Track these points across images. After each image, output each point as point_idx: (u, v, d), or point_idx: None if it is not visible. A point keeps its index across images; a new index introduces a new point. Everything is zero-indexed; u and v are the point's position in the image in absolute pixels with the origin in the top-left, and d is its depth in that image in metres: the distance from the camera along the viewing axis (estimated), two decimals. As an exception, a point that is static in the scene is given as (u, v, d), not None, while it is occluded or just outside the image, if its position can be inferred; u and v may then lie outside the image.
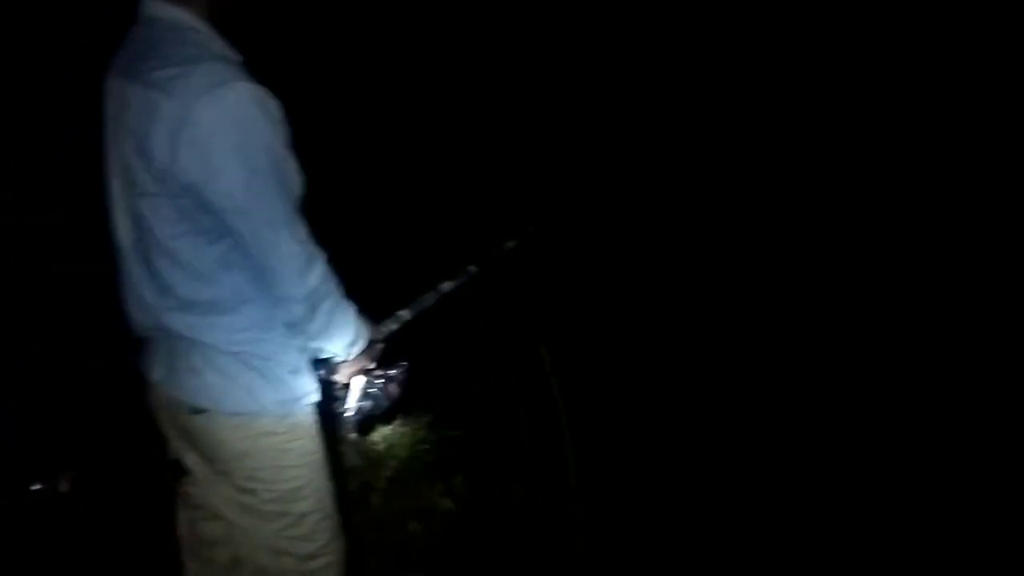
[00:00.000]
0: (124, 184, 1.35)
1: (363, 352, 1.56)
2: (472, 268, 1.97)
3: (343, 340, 1.47)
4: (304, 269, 1.32)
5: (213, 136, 1.19)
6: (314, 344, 1.45)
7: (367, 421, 1.71)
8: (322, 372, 1.54)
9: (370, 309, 1.62)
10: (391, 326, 1.77)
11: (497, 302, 2.60)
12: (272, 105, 1.24)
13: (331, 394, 1.59)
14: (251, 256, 1.29)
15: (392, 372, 1.66)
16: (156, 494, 1.65)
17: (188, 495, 1.59)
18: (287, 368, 1.43)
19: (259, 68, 1.29)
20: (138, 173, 1.28)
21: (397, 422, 2.77)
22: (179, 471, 1.53)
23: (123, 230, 1.39)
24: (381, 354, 1.68)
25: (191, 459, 1.51)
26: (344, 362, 1.55)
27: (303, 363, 1.47)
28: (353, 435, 1.70)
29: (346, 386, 1.61)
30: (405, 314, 1.81)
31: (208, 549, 1.60)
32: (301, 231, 1.32)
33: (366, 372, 1.63)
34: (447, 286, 1.93)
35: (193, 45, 1.25)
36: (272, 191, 1.25)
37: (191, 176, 1.22)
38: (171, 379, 1.42)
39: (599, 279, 3.38)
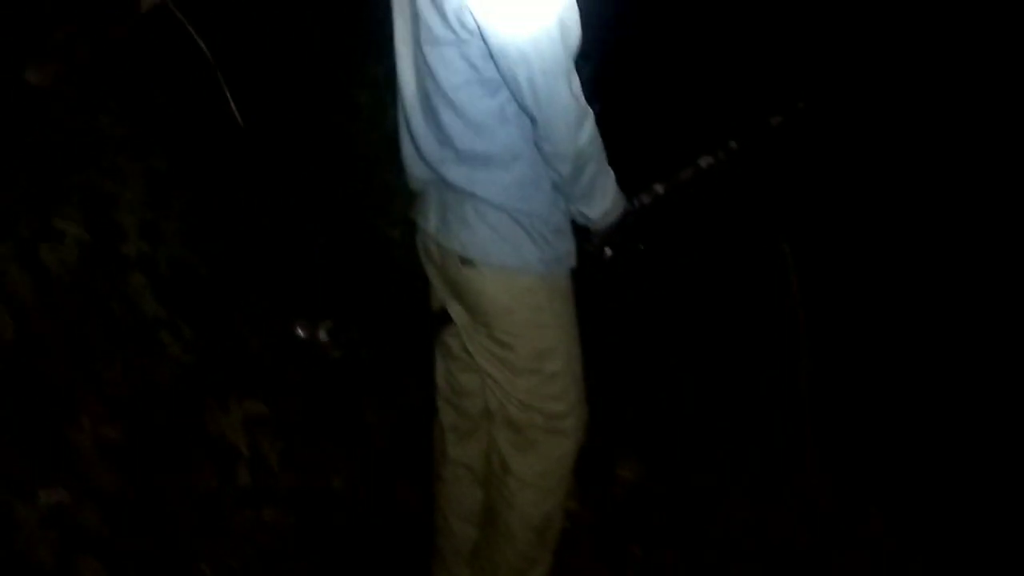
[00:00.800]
0: (413, 35, 1.37)
1: (616, 221, 1.53)
2: (733, 143, 1.81)
3: (601, 206, 1.46)
4: (576, 124, 1.32)
5: None
6: (574, 207, 1.46)
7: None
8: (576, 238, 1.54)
9: (625, 176, 1.57)
10: (644, 199, 1.69)
11: (748, 185, 2.38)
12: None
13: (584, 259, 1.58)
14: (526, 107, 1.30)
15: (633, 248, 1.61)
16: (416, 343, 1.75)
17: (448, 345, 1.67)
18: (552, 227, 1.44)
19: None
20: (431, 21, 1.30)
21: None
22: (442, 320, 1.61)
23: (407, 81, 1.43)
24: (631, 227, 1.64)
25: (455, 309, 1.57)
26: (597, 229, 1.53)
27: (566, 225, 1.48)
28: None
29: (597, 253, 1.60)
30: (659, 188, 1.72)
31: (463, 398, 1.70)
32: (576, 84, 1.32)
33: (614, 242, 1.60)
34: (705, 161, 1.79)
35: None
36: (553, 40, 1.25)
37: (477, 19, 1.23)
38: (443, 229, 1.47)
39: (864, 174, 2.99)
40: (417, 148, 1.46)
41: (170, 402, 1.60)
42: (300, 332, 1.53)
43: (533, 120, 1.32)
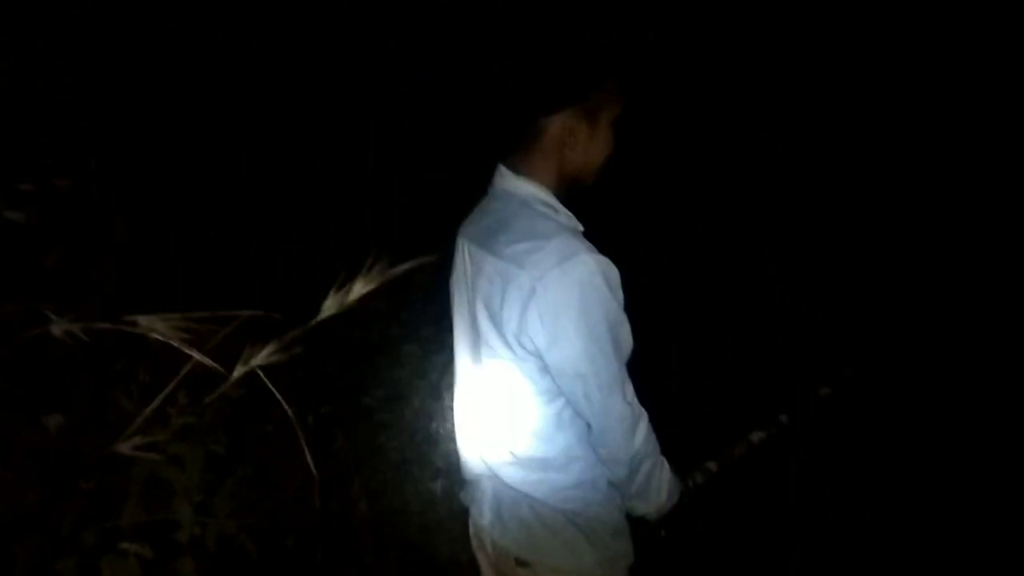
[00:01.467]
0: (472, 341, 1.43)
1: (671, 509, 1.51)
2: (783, 417, 1.82)
3: (657, 501, 1.45)
4: (631, 430, 1.35)
5: (559, 305, 1.25)
6: (629, 503, 1.45)
7: None
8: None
9: (677, 455, 1.56)
10: (697, 479, 1.67)
11: (805, 458, 2.31)
12: (614, 274, 1.29)
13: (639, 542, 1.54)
14: (583, 416, 1.34)
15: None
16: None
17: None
18: (609, 529, 1.43)
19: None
20: (489, 336, 1.36)
21: None
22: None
23: (464, 382, 1.49)
24: (684, 509, 1.61)
25: None
26: (652, 519, 1.51)
27: (624, 524, 1.47)
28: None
29: (653, 535, 1.56)
30: (712, 465, 1.71)
31: None
32: (630, 391, 1.36)
33: (669, 524, 1.57)
34: (757, 436, 1.79)
35: (543, 219, 1.32)
36: (607, 357, 1.30)
37: (537, 342, 1.29)
38: (498, 526, 1.46)
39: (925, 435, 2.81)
40: (475, 446, 1.48)
41: None
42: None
43: (589, 426, 1.35)
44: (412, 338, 2.23)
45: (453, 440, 1.56)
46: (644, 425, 1.37)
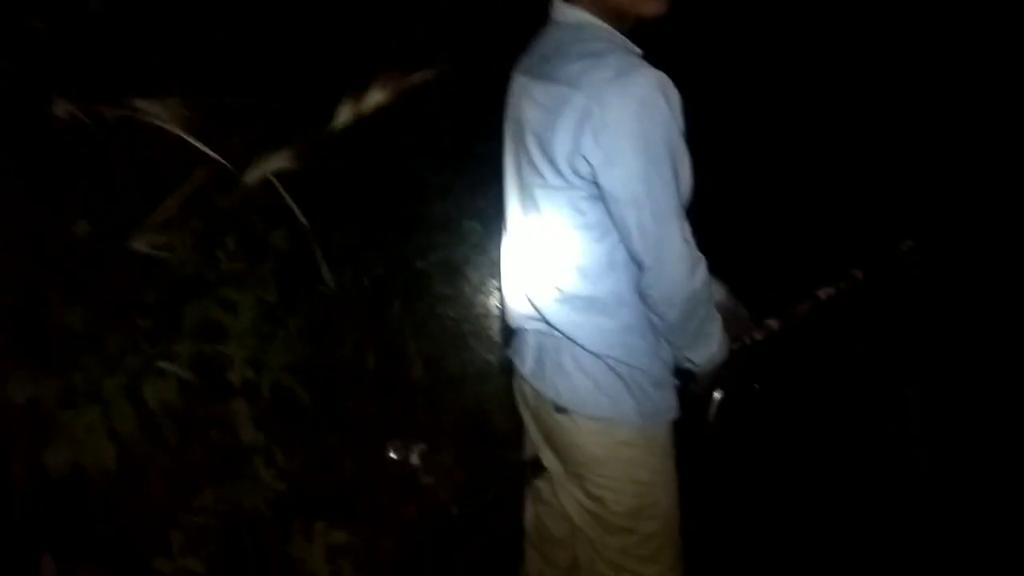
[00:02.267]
0: (522, 178, 1.38)
1: (723, 365, 1.42)
2: (858, 273, 1.64)
3: (708, 351, 1.38)
4: (688, 270, 1.26)
5: (617, 122, 1.18)
6: (679, 353, 1.39)
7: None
8: (680, 384, 1.44)
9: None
10: (756, 336, 1.55)
11: (877, 321, 2.10)
12: (675, 95, 1.21)
13: (691, 403, 1.46)
14: (636, 252, 1.26)
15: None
16: (511, 484, 1.66)
17: (540, 490, 1.58)
18: (652, 380, 1.37)
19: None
20: (539, 167, 1.30)
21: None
22: (536, 466, 1.53)
23: (514, 219, 1.44)
24: (743, 366, 1.50)
25: (547, 455, 1.50)
26: (703, 373, 1.43)
27: (668, 376, 1.41)
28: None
29: (705, 396, 1.47)
30: (773, 323, 1.58)
31: (551, 546, 1.59)
32: (687, 230, 1.27)
33: (724, 384, 1.47)
34: (825, 293, 1.63)
35: (598, 40, 1.26)
36: (665, 184, 1.22)
37: (591, 162, 1.22)
38: (539, 373, 1.42)
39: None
40: (523, 286, 1.43)
41: (257, 529, 1.61)
42: (393, 455, 1.51)
43: (641, 266, 1.27)
44: (471, 213, 2.20)
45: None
46: (702, 269, 1.29)
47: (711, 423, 1.51)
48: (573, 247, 1.31)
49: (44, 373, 1.30)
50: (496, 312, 2.12)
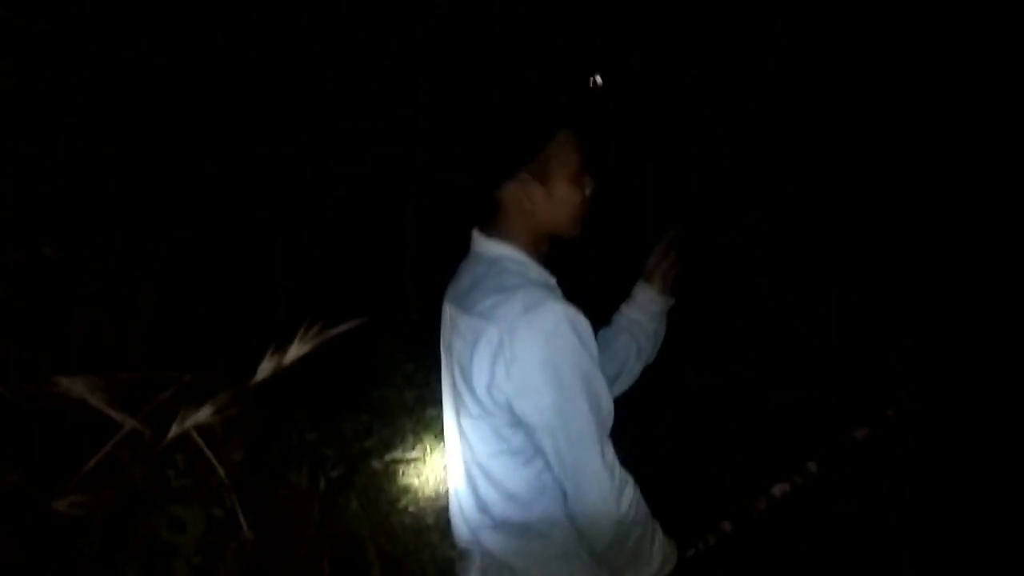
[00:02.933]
0: (453, 407, 1.41)
1: None
2: (812, 465, 1.64)
3: (649, 570, 1.32)
4: (611, 494, 1.24)
5: (526, 354, 1.21)
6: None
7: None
8: None
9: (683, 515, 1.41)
10: (709, 541, 1.53)
11: (841, 514, 2.02)
12: (583, 324, 1.24)
13: None
14: (558, 478, 1.27)
15: None
16: None
17: None
18: None
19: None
20: (463, 395, 1.33)
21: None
22: None
23: (452, 445, 1.45)
24: None
25: None
26: None
27: None
28: None
29: None
30: (726, 525, 1.56)
31: None
32: (610, 454, 1.26)
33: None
34: (779, 489, 1.62)
35: (513, 275, 1.30)
36: (579, 410, 1.23)
37: (505, 394, 1.24)
38: None
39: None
40: (459, 511, 1.43)
41: None
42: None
43: (564, 492, 1.27)
44: (431, 400, 2.22)
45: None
46: (630, 490, 1.27)
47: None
48: (501, 473, 1.31)
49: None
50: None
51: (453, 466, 1.46)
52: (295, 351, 1.11)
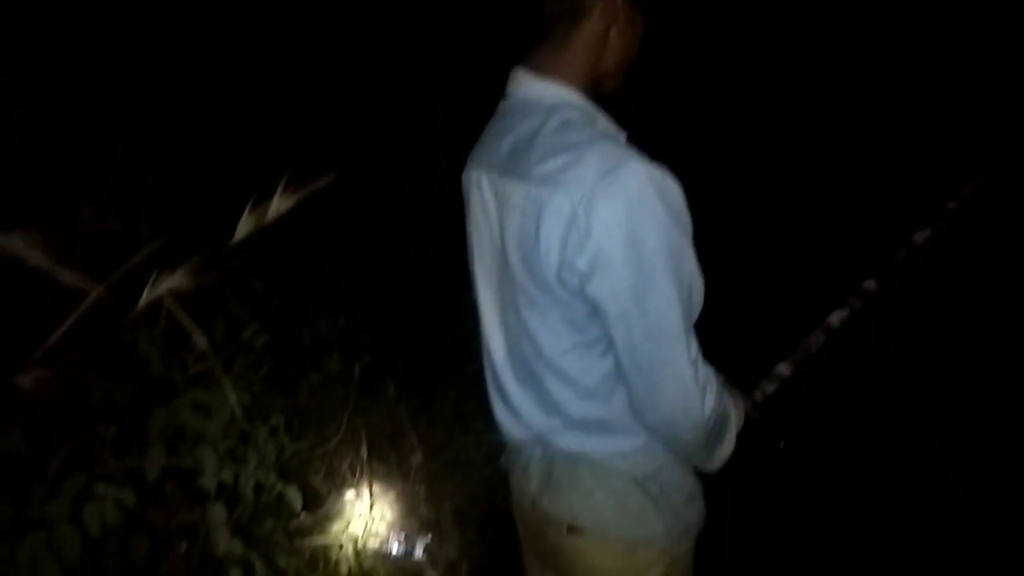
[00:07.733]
0: (501, 296, 1.19)
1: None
2: (871, 283, 1.39)
3: (721, 456, 1.18)
4: (695, 397, 1.06)
5: (602, 227, 0.99)
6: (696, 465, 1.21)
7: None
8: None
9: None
10: (767, 389, 1.34)
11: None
12: (671, 189, 1.02)
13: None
14: (626, 376, 1.07)
15: None
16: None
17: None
18: (684, 495, 1.19)
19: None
20: (524, 284, 1.11)
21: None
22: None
23: (497, 347, 1.23)
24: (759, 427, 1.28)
25: None
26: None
27: (699, 488, 1.22)
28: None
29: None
30: (784, 369, 1.36)
31: None
32: (695, 348, 1.06)
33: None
34: (838, 317, 1.39)
35: (578, 127, 1.06)
36: (662, 295, 1.01)
37: (578, 275, 1.03)
38: (548, 491, 1.22)
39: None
40: (516, 415, 1.24)
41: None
42: (395, 551, 1.38)
43: (631, 392, 1.08)
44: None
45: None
46: (712, 390, 1.08)
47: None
48: (576, 369, 1.12)
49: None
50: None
51: (500, 366, 1.23)
52: (277, 205, 1.00)
